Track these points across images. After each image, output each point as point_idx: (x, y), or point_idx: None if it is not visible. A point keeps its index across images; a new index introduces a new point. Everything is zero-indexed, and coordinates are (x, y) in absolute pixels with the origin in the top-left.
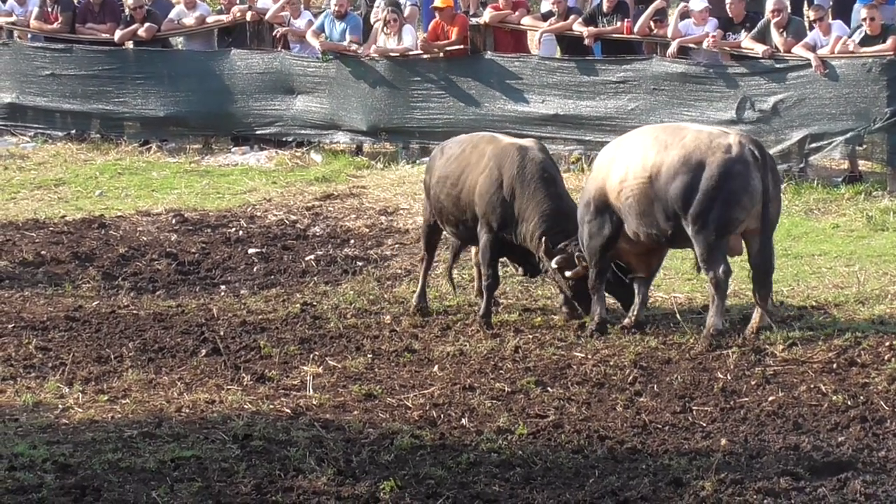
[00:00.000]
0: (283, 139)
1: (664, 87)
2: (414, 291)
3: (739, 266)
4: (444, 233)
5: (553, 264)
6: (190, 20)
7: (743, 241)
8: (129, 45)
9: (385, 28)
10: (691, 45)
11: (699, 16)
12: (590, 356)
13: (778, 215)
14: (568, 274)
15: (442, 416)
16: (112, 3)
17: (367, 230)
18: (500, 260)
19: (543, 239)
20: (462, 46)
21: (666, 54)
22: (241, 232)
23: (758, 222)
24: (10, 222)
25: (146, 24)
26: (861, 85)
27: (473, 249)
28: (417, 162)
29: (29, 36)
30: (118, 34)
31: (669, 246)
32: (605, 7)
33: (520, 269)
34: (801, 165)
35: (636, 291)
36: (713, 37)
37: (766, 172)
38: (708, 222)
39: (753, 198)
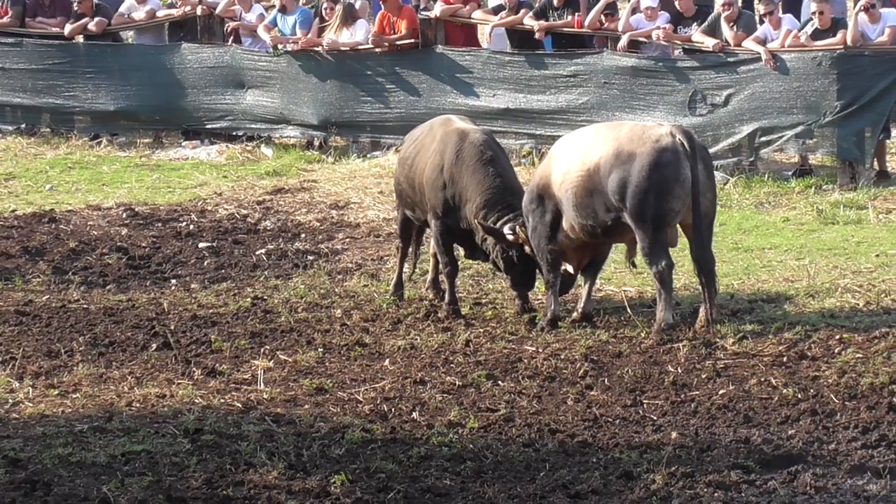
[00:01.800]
0: (234, 133)
1: (615, 80)
2: (365, 285)
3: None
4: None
5: (506, 230)
6: (140, 14)
7: (680, 234)
8: (80, 39)
9: (338, 23)
10: (642, 39)
11: (649, 13)
12: (541, 350)
13: (714, 207)
14: (510, 236)
15: (393, 409)
16: None
17: (318, 224)
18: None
19: (482, 214)
20: (413, 40)
21: (616, 48)
22: (191, 226)
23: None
24: None
25: (96, 19)
26: (811, 79)
27: (427, 243)
28: (368, 156)
29: None
30: (68, 28)
31: (606, 238)
32: (555, 1)
33: (463, 250)
34: (752, 159)
35: (577, 283)
36: (663, 29)
37: (696, 163)
38: (645, 214)
39: (685, 187)
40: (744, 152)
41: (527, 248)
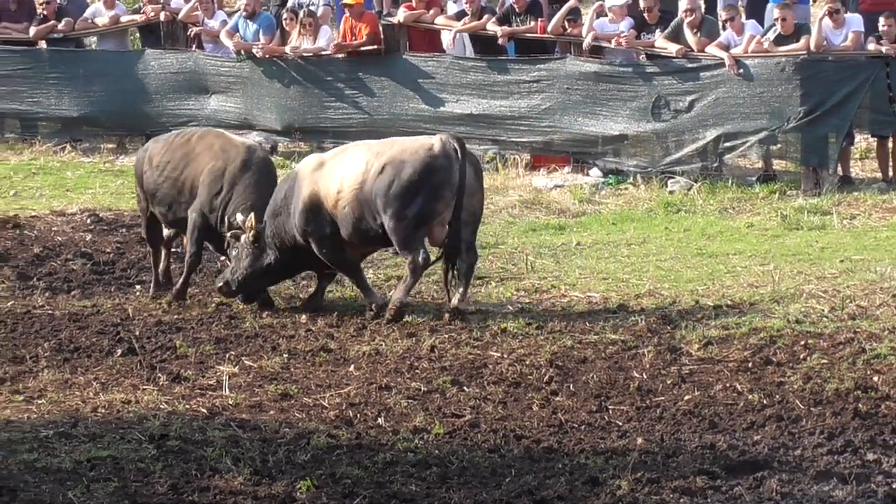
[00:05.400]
0: None
1: (578, 86)
2: (330, 291)
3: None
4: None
5: (238, 217)
6: (104, 19)
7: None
8: (43, 44)
9: (301, 29)
10: (605, 44)
11: (619, 11)
12: (506, 356)
13: (482, 207)
14: (238, 219)
15: (358, 415)
16: (29, 3)
17: None
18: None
19: (247, 215)
20: (374, 46)
21: (582, 50)
22: None
23: (465, 215)
24: None
25: (64, 19)
26: (775, 84)
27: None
28: None
29: None
30: (33, 30)
31: (383, 244)
32: (517, 7)
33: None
34: (716, 164)
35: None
36: (624, 36)
37: (465, 166)
38: (406, 214)
39: (453, 191)
40: (708, 158)
41: (243, 238)
